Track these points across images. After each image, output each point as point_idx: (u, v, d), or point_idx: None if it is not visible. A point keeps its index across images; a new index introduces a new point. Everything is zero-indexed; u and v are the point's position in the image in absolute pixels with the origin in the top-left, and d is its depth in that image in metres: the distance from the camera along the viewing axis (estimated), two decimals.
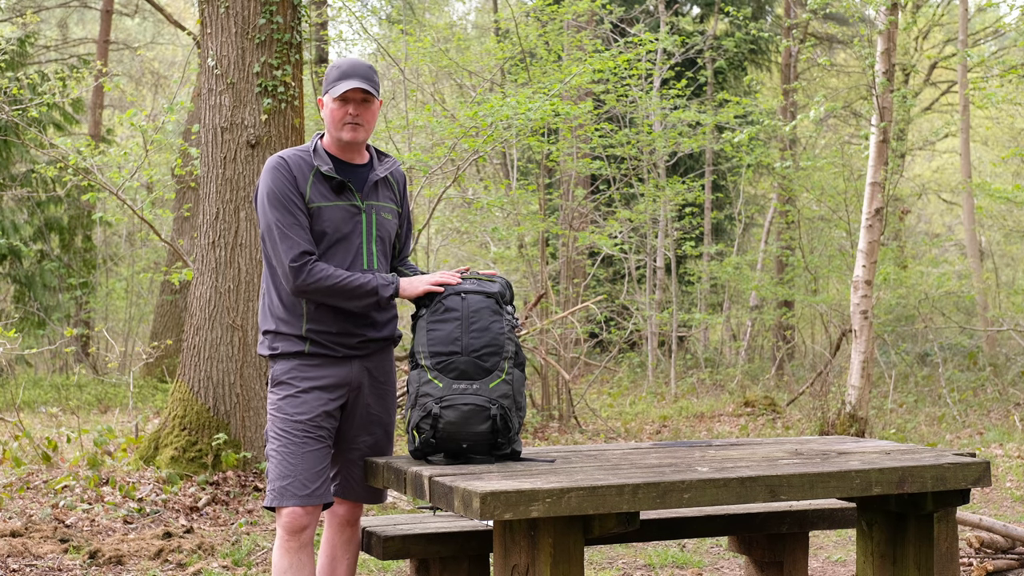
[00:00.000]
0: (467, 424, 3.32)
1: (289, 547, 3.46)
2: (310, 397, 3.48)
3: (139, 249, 21.50)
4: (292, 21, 7.54)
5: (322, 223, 3.50)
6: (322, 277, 3.43)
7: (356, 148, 3.61)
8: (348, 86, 3.47)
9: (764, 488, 3.11)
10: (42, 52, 20.33)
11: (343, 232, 3.52)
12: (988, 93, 12.14)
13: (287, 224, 3.46)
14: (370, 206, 3.58)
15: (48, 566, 5.34)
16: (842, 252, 16.74)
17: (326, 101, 3.55)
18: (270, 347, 3.56)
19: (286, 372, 3.51)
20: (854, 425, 9.90)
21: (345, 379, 3.53)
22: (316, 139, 3.63)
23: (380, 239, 3.60)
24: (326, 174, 3.51)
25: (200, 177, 7.60)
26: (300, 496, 3.42)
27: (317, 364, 3.51)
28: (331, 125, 3.55)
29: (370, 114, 3.56)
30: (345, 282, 3.44)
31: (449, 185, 10.51)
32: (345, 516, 3.66)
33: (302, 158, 3.55)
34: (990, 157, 25.07)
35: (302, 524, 3.45)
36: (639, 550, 5.90)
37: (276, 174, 3.50)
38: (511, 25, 14.05)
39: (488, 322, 3.40)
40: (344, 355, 3.53)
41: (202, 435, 7.21)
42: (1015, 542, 5.46)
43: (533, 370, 11.62)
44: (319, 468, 3.47)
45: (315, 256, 3.46)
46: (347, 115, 3.52)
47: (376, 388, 3.61)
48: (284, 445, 3.46)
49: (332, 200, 3.52)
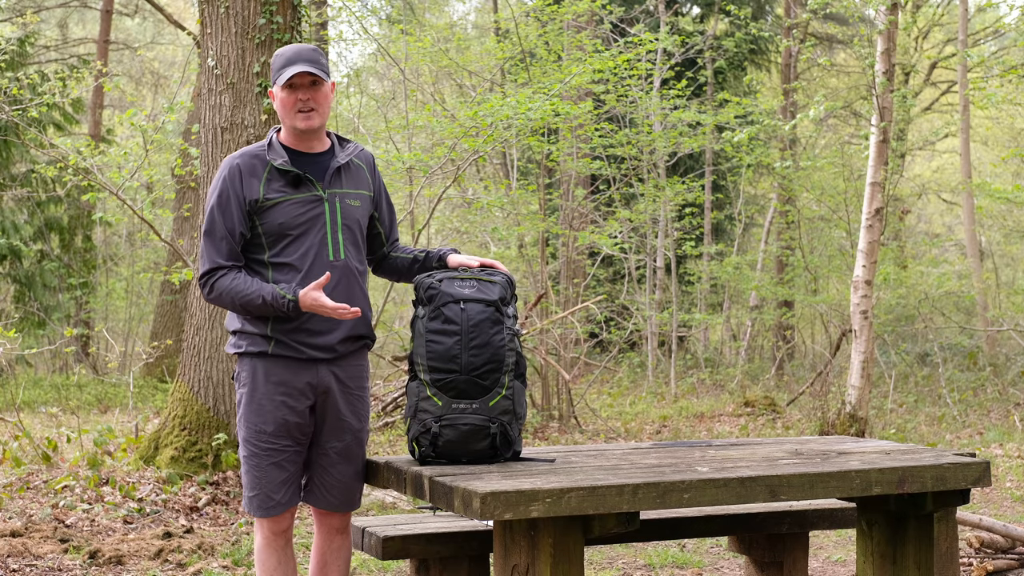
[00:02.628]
0: (466, 443, 3.32)
1: (276, 545, 3.51)
2: (272, 405, 3.42)
3: (139, 249, 21.50)
4: (292, 21, 7.54)
5: (280, 218, 3.41)
6: (221, 292, 3.40)
7: (314, 136, 3.50)
8: (293, 71, 3.38)
9: (764, 488, 3.11)
10: (42, 52, 20.32)
11: (303, 224, 3.43)
12: (988, 93, 12.13)
13: (211, 235, 3.43)
14: (333, 194, 3.48)
15: (48, 566, 5.34)
16: (842, 252, 16.74)
17: (276, 92, 3.45)
18: (235, 345, 3.51)
19: (250, 374, 3.46)
20: (854, 425, 9.90)
21: (311, 382, 3.44)
22: (272, 133, 3.53)
23: (347, 227, 3.49)
24: (281, 168, 3.42)
25: (200, 177, 7.60)
26: (265, 508, 3.46)
27: (282, 366, 3.43)
28: (284, 115, 3.45)
29: (321, 96, 3.45)
30: (242, 298, 3.38)
31: (449, 185, 10.50)
32: (333, 524, 3.60)
33: (257, 156, 3.46)
34: (990, 157, 25.05)
35: (283, 526, 3.51)
36: (639, 550, 5.90)
37: (222, 179, 3.45)
38: (511, 25, 14.04)
39: (488, 336, 3.33)
40: (310, 357, 3.43)
41: (202, 435, 7.21)
42: (1015, 542, 5.46)
43: (533, 370, 11.61)
44: (284, 477, 3.45)
45: (226, 269, 3.41)
46: (298, 101, 3.42)
47: (346, 393, 3.51)
48: (249, 456, 3.46)
49: (290, 194, 3.43)
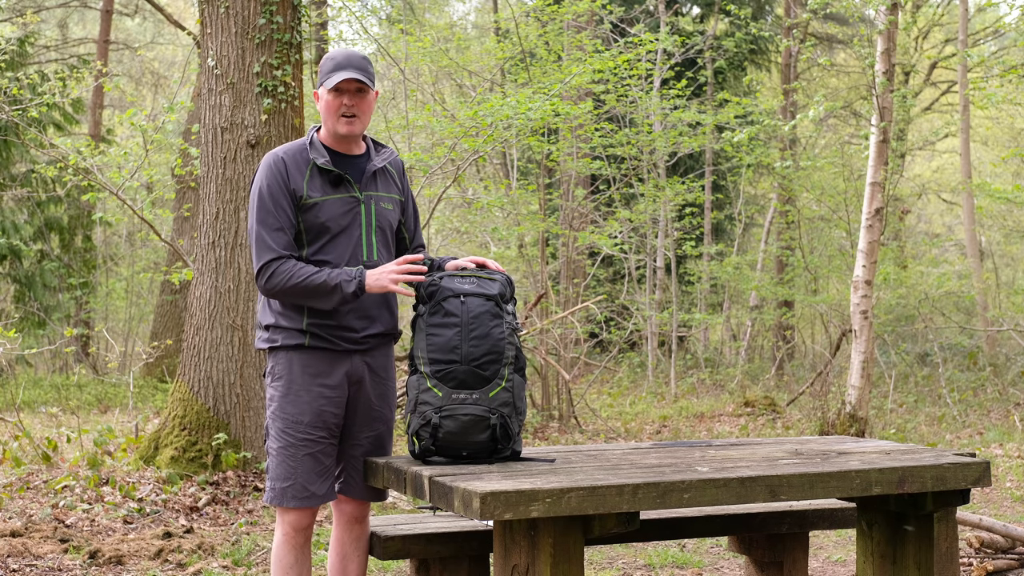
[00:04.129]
0: (467, 434, 3.32)
1: (294, 543, 3.50)
2: (311, 396, 3.47)
3: (139, 249, 21.50)
4: (292, 21, 7.54)
5: (321, 217, 3.48)
6: (284, 279, 3.41)
7: (353, 139, 3.59)
8: (342, 76, 3.45)
9: (764, 488, 3.11)
10: (42, 52, 20.32)
11: (343, 225, 3.50)
12: (988, 93, 12.13)
13: (266, 226, 3.45)
14: (369, 197, 3.56)
15: (48, 566, 5.34)
16: (842, 252, 16.74)
17: (321, 93, 3.53)
18: (269, 340, 3.54)
19: (286, 367, 3.50)
20: (854, 425, 9.90)
21: (346, 373, 3.51)
22: (312, 132, 3.61)
23: (380, 229, 3.58)
24: (323, 167, 3.50)
25: (200, 177, 7.60)
26: (300, 499, 3.45)
27: (318, 358, 3.49)
28: (327, 117, 3.54)
29: (365, 104, 3.53)
30: (307, 281, 3.40)
31: (449, 185, 10.50)
32: (353, 513, 3.64)
33: (299, 153, 3.54)
34: (990, 157, 25.05)
35: (305, 522, 3.50)
36: (639, 550, 5.90)
37: (270, 172, 3.50)
38: (511, 25, 14.04)
39: (488, 328, 3.36)
40: (344, 349, 3.50)
41: (202, 435, 7.21)
42: (1015, 542, 5.46)
43: (533, 370, 11.62)
44: (320, 468, 3.47)
45: (285, 258, 3.43)
46: (342, 106, 3.49)
47: (377, 383, 3.59)
48: (285, 447, 3.46)
49: (330, 194, 3.50)
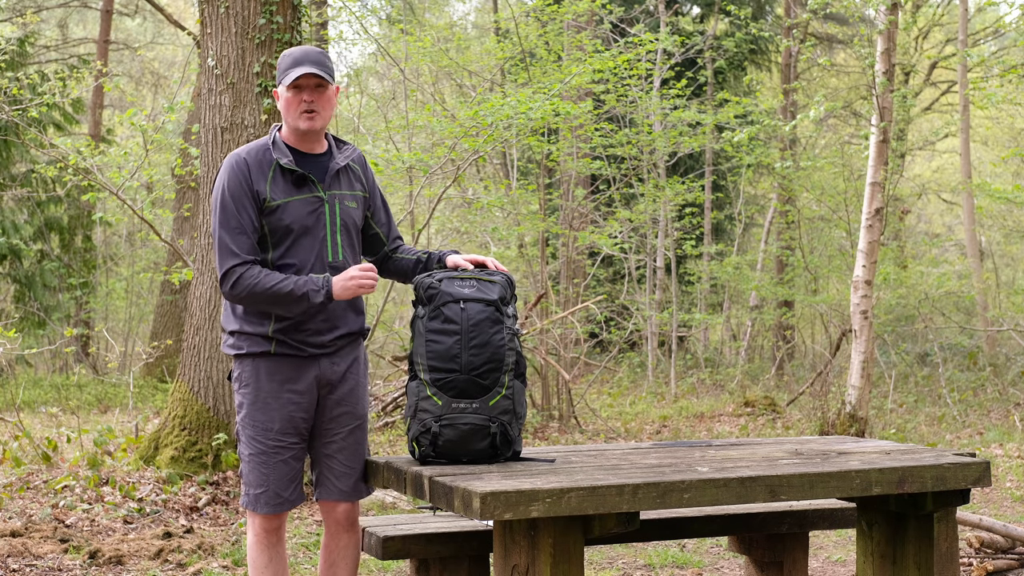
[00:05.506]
0: (467, 443, 3.32)
1: (268, 543, 3.54)
2: (279, 404, 3.45)
3: (139, 249, 21.50)
4: (292, 21, 7.54)
5: (285, 220, 3.44)
6: (249, 285, 3.37)
7: (315, 137, 3.55)
8: (299, 72, 3.42)
9: (764, 488, 3.11)
10: (42, 52, 20.31)
11: (307, 225, 3.47)
12: (988, 93, 12.13)
13: (229, 229, 3.41)
14: (332, 196, 3.52)
15: (48, 566, 5.34)
16: (842, 252, 16.74)
17: (280, 91, 3.49)
18: (235, 347, 3.51)
19: (252, 374, 3.47)
20: (854, 425, 9.90)
21: (315, 377, 3.49)
22: (274, 131, 3.56)
23: (345, 229, 3.54)
24: (286, 167, 3.46)
25: (200, 177, 7.60)
26: (273, 505, 3.48)
27: (285, 364, 3.46)
28: (287, 115, 3.50)
29: (325, 99, 3.50)
30: (273, 289, 3.36)
31: (449, 185, 10.49)
32: (340, 520, 3.60)
33: (262, 153, 3.49)
34: (990, 157, 25.05)
35: (276, 524, 3.55)
36: (639, 550, 5.90)
37: (232, 174, 3.44)
38: (511, 25, 14.04)
39: (488, 336, 3.34)
40: (311, 354, 3.48)
41: (202, 435, 7.21)
42: (1015, 542, 5.46)
43: (533, 370, 11.61)
44: (292, 474, 3.50)
45: (249, 264, 3.39)
46: (302, 102, 3.46)
47: (347, 382, 3.55)
48: (256, 454, 3.47)
49: (293, 195, 3.46)
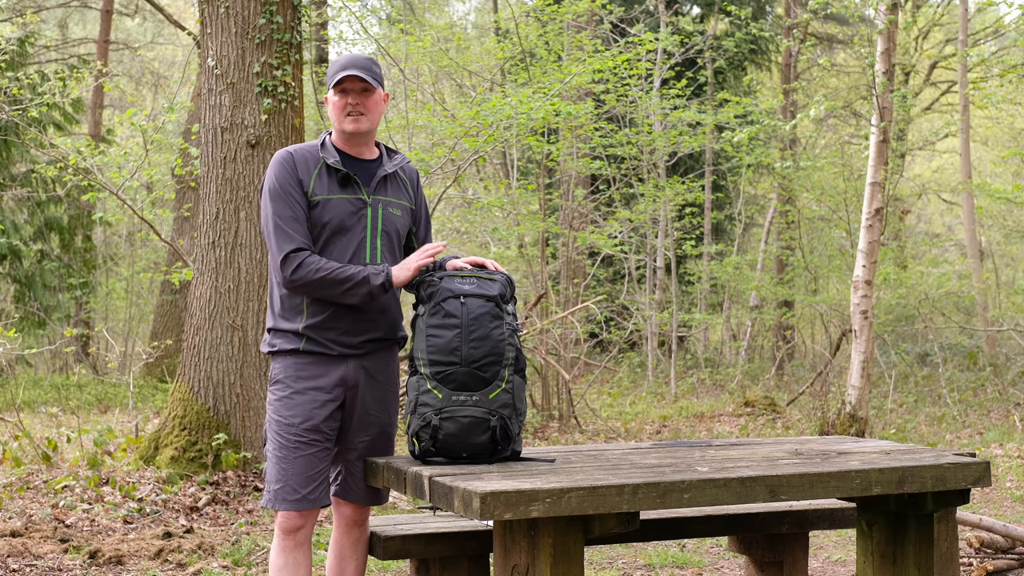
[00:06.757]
0: (467, 436, 3.32)
1: (285, 546, 3.51)
2: (304, 400, 3.47)
3: (139, 249, 21.51)
4: (292, 21, 7.54)
5: (325, 215, 3.49)
6: (311, 270, 3.41)
7: (363, 141, 3.60)
8: (344, 74, 3.49)
9: (764, 488, 3.11)
10: (42, 52, 20.32)
11: (346, 225, 3.50)
12: (988, 93, 12.14)
13: (283, 217, 3.45)
14: (376, 200, 3.56)
15: (48, 566, 5.34)
16: (842, 252, 16.74)
17: (329, 96, 3.57)
18: (269, 344, 3.56)
19: (282, 371, 3.51)
20: (854, 425, 9.89)
21: (341, 378, 3.50)
22: (325, 135, 3.64)
23: (386, 234, 3.57)
24: (332, 166, 3.52)
25: (200, 177, 7.59)
26: (291, 501, 3.46)
27: (312, 363, 3.49)
28: (334, 117, 3.57)
29: (371, 103, 3.55)
30: (334, 274, 3.40)
31: (449, 185, 10.50)
32: (351, 517, 3.64)
33: (309, 152, 3.56)
34: (990, 157, 25.05)
35: (296, 525, 3.50)
36: (639, 550, 5.90)
37: (280, 167, 3.52)
38: (511, 25, 14.04)
39: (488, 330, 3.35)
40: (340, 354, 3.50)
41: (202, 435, 7.21)
42: (1015, 542, 5.46)
43: (533, 370, 11.62)
44: (313, 472, 3.47)
45: (308, 250, 3.44)
46: (347, 105, 3.52)
47: (374, 389, 3.57)
48: (278, 449, 3.48)
49: (337, 193, 3.51)
